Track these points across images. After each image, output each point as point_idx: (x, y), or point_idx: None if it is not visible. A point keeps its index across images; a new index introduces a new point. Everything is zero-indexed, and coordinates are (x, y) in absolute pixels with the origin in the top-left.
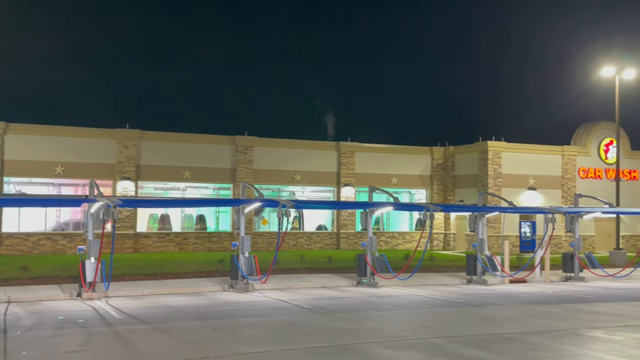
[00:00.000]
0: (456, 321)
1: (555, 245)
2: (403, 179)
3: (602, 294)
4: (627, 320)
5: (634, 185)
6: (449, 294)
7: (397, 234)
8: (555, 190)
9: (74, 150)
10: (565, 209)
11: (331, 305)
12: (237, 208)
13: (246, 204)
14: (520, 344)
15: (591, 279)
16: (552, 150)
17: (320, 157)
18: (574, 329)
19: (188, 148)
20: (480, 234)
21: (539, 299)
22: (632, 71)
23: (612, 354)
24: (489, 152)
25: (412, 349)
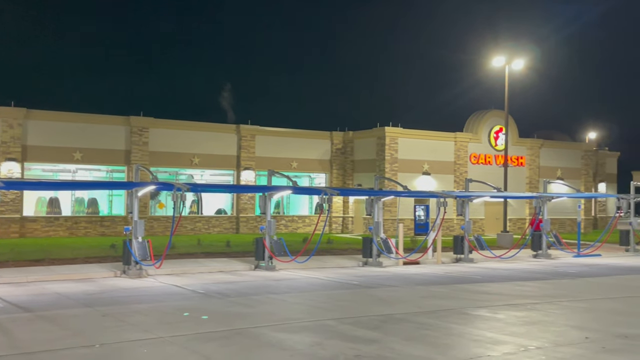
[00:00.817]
0: (350, 303)
1: (447, 228)
2: (303, 163)
3: (489, 274)
4: (510, 299)
5: (521, 171)
6: (345, 276)
7: (297, 217)
8: (448, 175)
9: None
10: (457, 193)
11: (227, 290)
12: (130, 191)
13: (139, 187)
14: (409, 324)
15: (480, 260)
16: (446, 137)
17: (220, 140)
18: (461, 308)
19: (79, 128)
20: (376, 217)
21: (430, 279)
22: (521, 61)
23: (495, 332)
24: (386, 138)
25: (305, 332)
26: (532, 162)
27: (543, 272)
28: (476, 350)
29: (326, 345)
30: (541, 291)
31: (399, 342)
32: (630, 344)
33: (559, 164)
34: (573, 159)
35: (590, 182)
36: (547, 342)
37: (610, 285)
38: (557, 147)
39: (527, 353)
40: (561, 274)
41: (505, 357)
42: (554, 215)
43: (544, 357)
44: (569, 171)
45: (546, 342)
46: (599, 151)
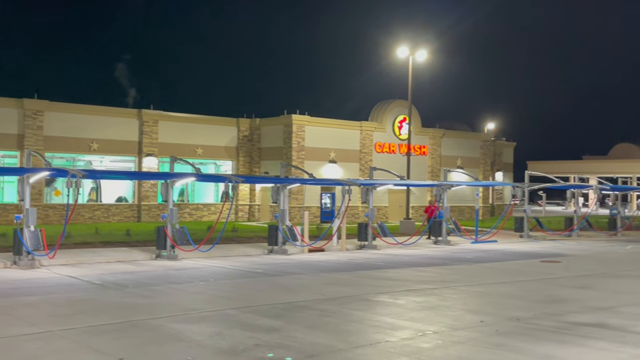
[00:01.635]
0: (253, 291)
1: (352, 216)
2: (209, 150)
3: (391, 260)
4: (411, 285)
5: (423, 159)
6: (249, 265)
7: (202, 205)
8: (354, 164)
9: None
10: (361, 181)
11: (125, 280)
12: (21, 178)
13: (31, 174)
14: (312, 311)
15: (383, 247)
16: (352, 126)
17: (120, 125)
18: (363, 295)
19: None
20: (282, 205)
21: (334, 266)
22: (424, 53)
23: (394, 317)
24: (294, 126)
25: (205, 322)
26: (434, 152)
27: (442, 258)
28: (376, 336)
29: (226, 335)
30: (440, 276)
31: (301, 330)
32: (521, 327)
33: (459, 154)
34: (472, 148)
35: (488, 171)
36: (444, 326)
37: (504, 270)
38: (457, 137)
39: (424, 338)
40: (459, 260)
41: (403, 343)
42: (454, 202)
43: (440, 342)
44: (468, 160)
45: (443, 327)
46: (496, 141)
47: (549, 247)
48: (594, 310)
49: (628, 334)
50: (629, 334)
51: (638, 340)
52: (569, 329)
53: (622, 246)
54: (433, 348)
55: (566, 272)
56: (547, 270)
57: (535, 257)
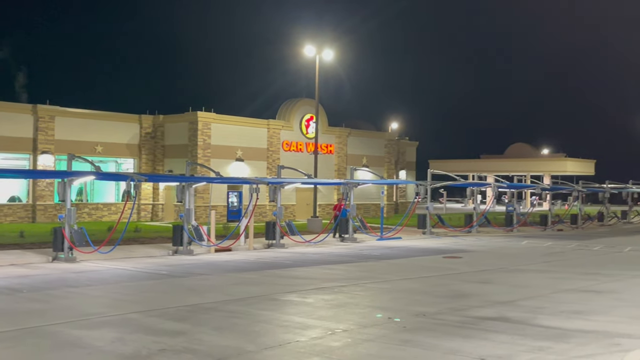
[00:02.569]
0: (157, 293)
1: (260, 214)
2: (110, 147)
3: (299, 259)
4: (319, 283)
5: (330, 158)
6: (153, 266)
7: (102, 205)
8: (262, 162)
9: None
10: (269, 180)
11: (19, 285)
12: None
13: None
14: (219, 313)
15: (291, 245)
16: (259, 124)
17: (13, 121)
18: (272, 294)
19: None
20: (187, 204)
21: (242, 266)
22: (331, 52)
23: (303, 316)
24: (199, 123)
25: (106, 327)
26: (341, 150)
27: (349, 255)
28: (285, 336)
29: (128, 340)
30: (348, 274)
31: (208, 333)
32: (427, 322)
33: (364, 152)
34: (377, 147)
35: (392, 169)
36: (353, 324)
37: (409, 266)
38: (363, 136)
39: (334, 336)
40: (366, 257)
41: (313, 342)
42: (360, 201)
43: (349, 340)
44: (373, 159)
45: (352, 324)
46: (400, 140)
47: (451, 243)
48: (495, 304)
49: (528, 327)
50: (529, 326)
51: (537, 332)
52: (472, 324)
53: (518, 241)
54: (343, 347)
55: (468, 267)
56: (450, 265)
57: (438, 253)
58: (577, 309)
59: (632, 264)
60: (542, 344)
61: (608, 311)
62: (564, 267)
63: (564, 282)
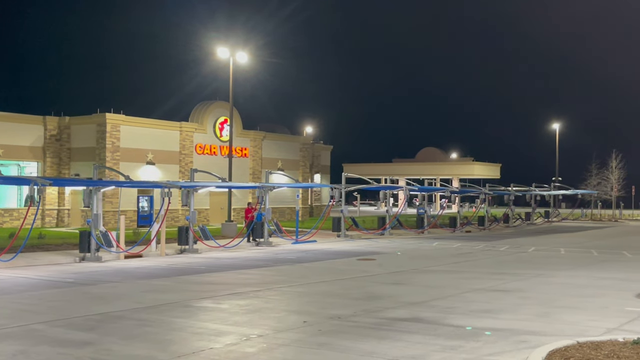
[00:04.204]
0: (63, 303)
1: (172, 219)
2: (11, 150)
3: (213, 264)
4: (234, 288)
5: (245, 162)
6: (58, 274)
7: (3, 211)
8: (174, 165)
9: None
10: (182, 184)
11: None
12: None
13: None
14: (129, 321)
15: (205, 250)
16: (171, 126)
17: None
18: (185, 301)
19: None
20: (94, 209)
21: (153, 272)
22: (245, 54)
23: (218, 322)
24: (108, 125)
25: (7, 339)
26: (255, 154)
27: (265, 260)
28: (199, 343)
29: (32, 353)
30: (263, 278)
31: (117, 342)
32: (343, 325)
33: (279, 156)
34: (292, 151)
35: (307, 172)
36: (269, 329)
37: (324, 269)
38: (278, 139)
39: (249, 342)
40: (281, 261)
41: (228, 349)
42: (275, 204)
43: (265, 345)
44: (288, 162)
45: (267, 330)
46: (315, 144)
47: (365, 246)
48: (408, 305)
49: (440, 327)
50: (441, 326)
51: (449, 332)
52: (386, 325)
53: (429, 243)
54: (258, 352)
55: (381, 269)
56: (364, 268)
57: (353, 256)
58: (486, 308)
59: (536, 264)
60: (454, 343)
61: (515, 309)
62: (472, 267)
63: (473, 282)
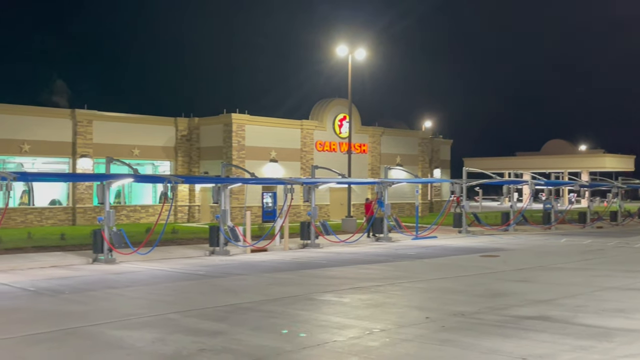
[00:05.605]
0: (196, 294)
1: (294, 215)
2: (146, 150)
3: (334, 258)
4: (355, 282)
5: (364, 158)
6: (190, 267)
7: (140, 207)
8: (295, 162)
9: None
10: (303, 180)
11: (61, 286)
12: None
13: None
14: (256, 313)
15: (326, 245)
16: (293, 124)
17: (53, 126)
18: (308, 294)
19: None
20: (223, 205)
21: (277, 266)
22: (363, 51)
23: (341, 316)
24: (233, 125)
25: (146, 327)
26: (374, 149)
27: (385, 255)
28: (323, 336)
29: (168, 340)
30: (383, 273)
31: (246, 333)
32: (466, 321)
33: (398, 151)
34: (411, 146)
35: (426, 168)
36: (391, 323)
37: (445, 265)
38: (396, 135)
39: (371, 336)
40: (401, 256)
41: (351, 342)
42: (394, 200)
43: (387, 339)
44: (407, 158)
45: (389, 324)
46: (434, 139)
47: (487, 242)
48: (534, 303)
49: (569, 326)
50: (570, 325)
51: (579, 331)
52: (512, 323)
53: (557, 239)
54: (381, 346)
55: (505, 266)
56: (487, 264)
57: (475, 252)
58: (619, 307)
59: None
60: (585, 342)
61: None
62: (604, 264)
63: (605, 280)
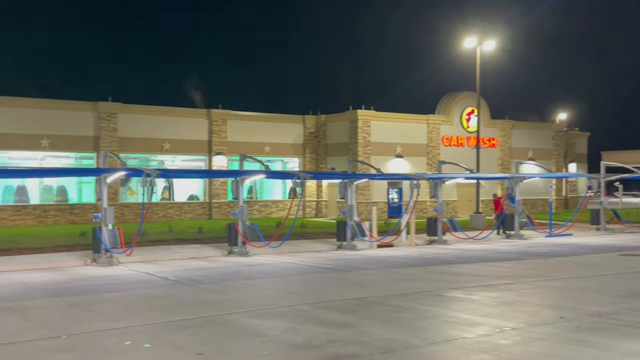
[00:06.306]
0: (324, 287)
1: (420, 210)
2: (276, 147)
3: (462, 255)
4: (485, 280)
5: (493, 152)
6: (319, 260)
7: (271, 202)
8: (421, 158)
9: None
10: (429, 175)
11: (199, 276)
12: (99, 178)
13: (108, 174)
14: (384, 307)
15: (453, 242)
16: (418, 119)
17: (190, 125)
18: (436, 290)
19: (46, 115)
20: (349, 200)
21: (404, 261)
22: (492, 42)
23: (470, 313)
24: (359, 121)
25: (278, 317)
26: (504, 144)
27: (516, 252)
28: (451, 332)
29: (300, 330)
30: (515, 271)
31: (374, 326)
32: (603, 322)
33: (530, 145)
34: (544, 139)
35: (561, 162)
36: (522, 322)
37: (582, 264)
38: (528, 128)
39: (502, 334)
40: (534, 254)
41: (481, 339)
42: (526, 195)
43: (519, 338)
44: (540, 152)
45: (521, 323)
46: (569, 132)
47: (628, 240)
48: None
49: None
50: None
51: None
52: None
53: None
54: (512, 345)
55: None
56: (628, 263)
57: (614, 251)
58: None
59: None
60: None
61: None
62: None
63: None
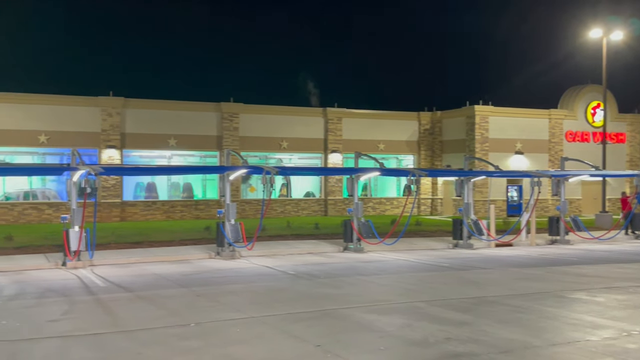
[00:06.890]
0: (440, 285)
1: (541, 209)
2: (390, 144)
3: (586, 256)
4: (610, 282)
5: (621, 148)
6: (434, 258)
7: (385, 199)
8: (542, 154)
9: (57, 118)
10: (551, 173)
11: (316, 271)
12: (222, 175)
13: (230, 171)
14: (502, 306)
15: (577, 242)
16: (539, 114)
17: (307, 124)
18: (557, 291)
19: (173, 115)
20: (466, 198)
21: (523, 261)
22: (620, 33)
23: (594, 315)
24: (476, 117)
25: (394, 313)
26: (633, 139)
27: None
28: (573, 334)
29: (416, 327)
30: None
31: (492, 325)
32: None
33: None
34: None
35: None
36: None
37: None
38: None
39: (629, 338)
40: None
41: (606, 342)
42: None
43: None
44: None
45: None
46: None
47: None
48: None
49: None
50: None
51: None
52: None
53: None
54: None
55: None
56: None
57: None
58: None
59: None
60: None
61: None
62: None
63: None
